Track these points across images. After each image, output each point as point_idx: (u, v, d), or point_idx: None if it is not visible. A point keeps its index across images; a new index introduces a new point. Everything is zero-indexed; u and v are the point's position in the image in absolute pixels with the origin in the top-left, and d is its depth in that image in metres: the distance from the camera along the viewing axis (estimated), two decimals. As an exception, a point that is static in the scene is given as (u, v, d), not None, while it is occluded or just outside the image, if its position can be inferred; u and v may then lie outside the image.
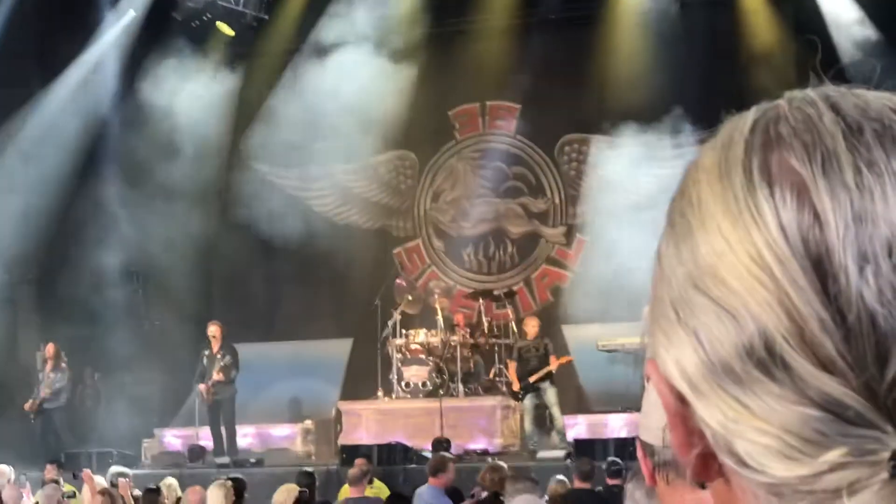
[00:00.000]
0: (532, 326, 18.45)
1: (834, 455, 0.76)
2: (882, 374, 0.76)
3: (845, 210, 0.78)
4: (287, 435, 20.23)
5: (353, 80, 20.51)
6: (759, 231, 0.79)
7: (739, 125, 0.85)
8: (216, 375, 18.70)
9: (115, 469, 14.95)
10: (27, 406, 19.65)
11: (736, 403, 0.79)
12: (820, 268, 0.77)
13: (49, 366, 19.73)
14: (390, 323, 19.30)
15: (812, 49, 18.40)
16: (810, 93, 0.85)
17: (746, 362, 0.78)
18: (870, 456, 0.76)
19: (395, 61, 20.95)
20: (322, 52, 20.88)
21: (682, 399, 0.83)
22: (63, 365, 19.76)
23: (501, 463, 13.13)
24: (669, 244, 0.85)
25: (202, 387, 18.87)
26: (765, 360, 0.78)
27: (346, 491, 14.55)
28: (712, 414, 0.81)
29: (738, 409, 0.79)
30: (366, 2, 20.68)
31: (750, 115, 0.86)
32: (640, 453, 0.90)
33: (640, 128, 19.23)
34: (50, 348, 19.77)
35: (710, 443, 0.82)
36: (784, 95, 0.86)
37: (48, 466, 16.13)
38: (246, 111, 22.02)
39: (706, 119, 18.00)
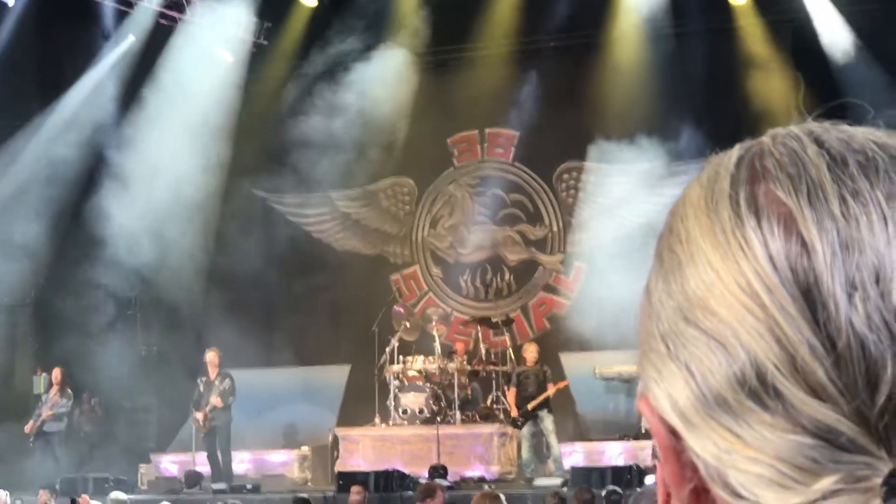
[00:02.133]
0: (531, 352, 18.45)
1: (827, 483, 0.76)
2: (873, 400, 0.77)
3: (832, 238, 0.79)
4: (284, 461, 20.17)
5: (352, 106, 20.57)
6: (747, 261, 0.80)
7: (724, 161, 0.86)
8: (214, 401, 18.67)
9: (115, 495, 14.92)
10: (27, 428, 19.62)
11: (728, 434, 0.79)
12: (809, 296, 0.78)
13: (54, 390, 19.71)
14: (388, 349, 19.27)
15: (797, 84, 18.49)
16: (794, 128, 0.85)
17: (738, 392, 0.79)
18: (862, 482, 0.76)
19: (394, 88, 20.99)
20: (321, 78, 20.93)
21: (674, 433, 0.83)
22: (69, 390, 19.76)
23: (498, 492, 13.02)
24: (658, 280, 0.86)
25: (198, 415, 18.86)
26: (756, 388, 0.78)
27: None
28: (705, 446, 0.81)
29: (731, 439, 0.79)
30: (365, 29, 20.74)
31: (734, 152, 0.86)
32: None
33: (638, 155, 19.26)
34: (57, 373, 19.73)
35: (703, 476, 0.82)
36: (767, 133, 0.86)
37: (41, 491, 16.11)
38: (244, 136, 22.03)
39: (705, 146, 18.02)
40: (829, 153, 0.82)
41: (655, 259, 0.87)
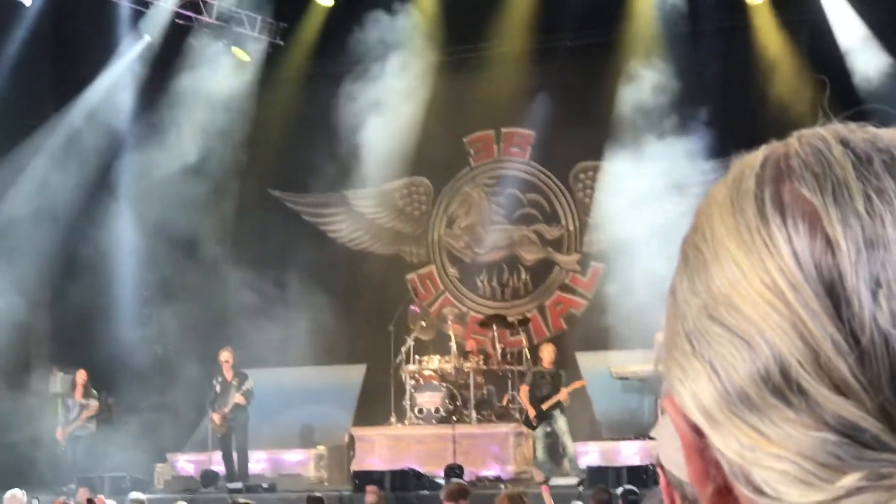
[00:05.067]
0: (548, 353, 18.42)
1: (850, 480, 0.77)
2: None
3: (857, 236, 0.79)
4: (300, 460, 20.21)
5: (368, 105, 20.57)
6: (772, 259, 0.80)
7: (750, 161, 0.87)
8: (237, 399, 18.74)
9: (134, 495, 14.98)
10: (59, 434, 19.60)
11: (752, 431, 0.80)
12: (833, 292, 0.78)
13: (80, 392, 19.70)
14: (404, 349, 19.28)
15: (821, 87, 18.39)
16: (819, 130, 0.86)
17: (762, 388, 0.79)
18: (886, 480, 0.76)
19: (410, 87, 20.98)
20: (336, 78, 20.94)
21: (699, 432, 0.84)
22: (93, 391, 19.76)
23: (519, 490, 13.00)
24: (683, 278, 0.86)
25: (216, 415, 18.91)
26: (780, 385, 0.78)
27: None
28: (728, 443, 0.81)
29: (755, 436, 0.79)
30: (381, 28, 20.73)
31: (760, 153, 0.87)
32: (662, 482, 0.91)
33: (654, 155, 19.24)
34: (82, 374, 19.73)
35: (727, 474, 0.82)
36: (793, 134, 0.87)
37: (81, 490, 16.34)
38: (260, 137, 22.06)
39: (721, 147, 18.02)
40: (854, 152, 0.82)
41: (680, 259, 0.87)
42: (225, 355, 19.12)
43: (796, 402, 0.78)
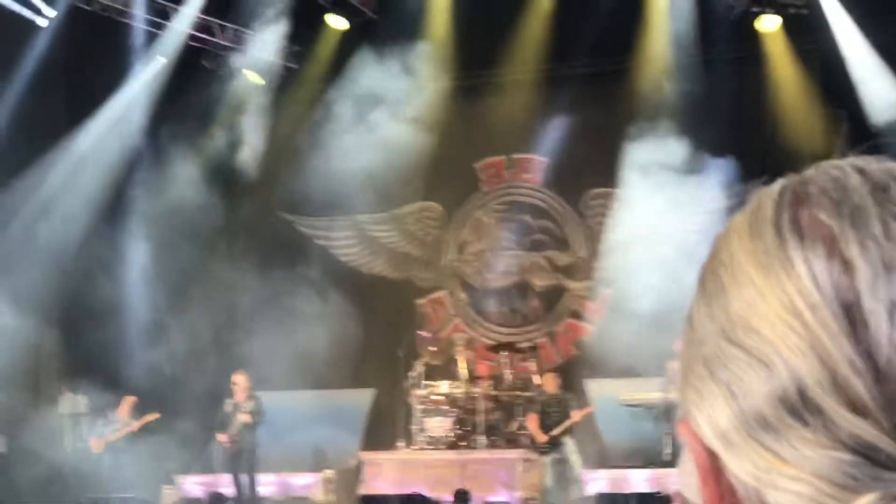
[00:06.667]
0: (551, 383, 18.38)
1: (866, 500, 0.77)
2: None
3: (874, 259, 0.80)
4: (308, 484, 20.17)
5: (381, 130, 20.60)
6: (790, 280, 0.81)
7: (767, 191, 0.88)
8: (243, 418, 18.68)
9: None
10: (94, 444, 19.53)
11: (767, 453, 0.80)
12: (850, 314, 0.79)
13: (125, 411, 19.64)
14: (413, 374, 19.27)
15: (839, 120, 18.38)
16: (837, 161, 0.87)
17: (779, 409, 0.79)
18: None
19: (422, 112, 21.02)
20: (350, 102, 20.98)
21: (714, 455, 0.84)
22: (138, 415, 19.72)
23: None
24: (701, 304, 0.87)
25: (223, 436, 18.86)
26: (797, 405, 0.79)
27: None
28: (743, 465, 0.81)
29: (770, 458, 0.80)
30: (394, 52, 20.78)
31: (778, 183, 0.88)
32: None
33: (666, 183, 19.24)
34: (130, 399, 19.70)
35: (742, 498, 0.83)
36: (811, 166, 0.88)
37: None
38: (273, 160, 22.10)
39: (734, 175, 18.02)
40: (871, 180, 0.84)
41: (698, 285, 0.88)
42: (238, 378, 19.08)
43: (812, 421, 0.78)
